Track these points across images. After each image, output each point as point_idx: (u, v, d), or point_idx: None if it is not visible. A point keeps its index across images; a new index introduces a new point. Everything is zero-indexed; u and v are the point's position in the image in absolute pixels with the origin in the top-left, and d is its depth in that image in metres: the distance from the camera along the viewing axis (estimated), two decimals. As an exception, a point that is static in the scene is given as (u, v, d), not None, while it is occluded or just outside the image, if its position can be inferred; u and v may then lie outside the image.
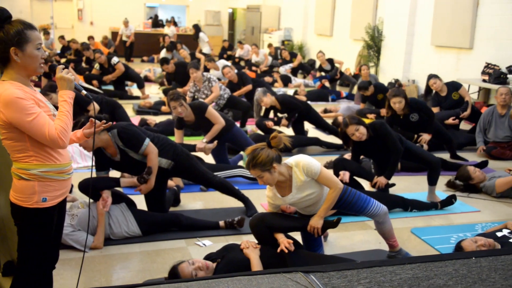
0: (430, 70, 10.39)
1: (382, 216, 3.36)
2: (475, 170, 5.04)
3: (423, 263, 2.65)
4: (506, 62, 8.47)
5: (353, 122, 4.35)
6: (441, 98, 7.14)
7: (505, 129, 6.27)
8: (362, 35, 12.14)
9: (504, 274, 2.55)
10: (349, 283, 2.39)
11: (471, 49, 9.41)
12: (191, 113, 5.16)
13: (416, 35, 10.90)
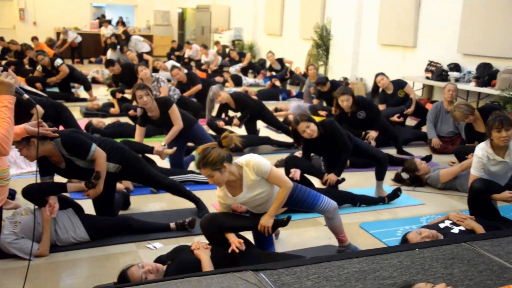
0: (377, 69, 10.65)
1: (332, 211, 3.42)
2: (421, 162, 5.22)
3: (369, 256, 2.72)
4: (447, 60, 8.81)
5: (304, 119, 4.41)
6: (388, 96, 7.34)
7: (450, 125, 6.51)
8: (311, 35, 12.32)
9: (445, 263, 2.66)
10: (298, 279, 2.42)
11: (415, 47, 9.73)
12: (156, 108, 5.11)
13: (363, 34, 11.16)
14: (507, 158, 3.94)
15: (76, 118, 6.28)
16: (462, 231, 3.52)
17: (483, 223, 3.65)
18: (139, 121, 5.20)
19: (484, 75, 7.87)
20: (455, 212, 3.87)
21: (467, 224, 3.61)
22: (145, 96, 4.95)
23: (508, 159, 3.94)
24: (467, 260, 2.71)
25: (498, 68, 7.76)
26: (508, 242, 2.98)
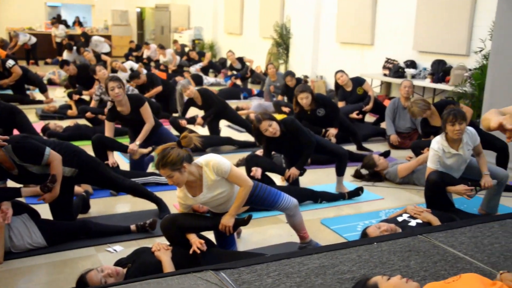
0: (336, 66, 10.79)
1: (293, 209, 3.45)
2: (380, 158, 5.32)
3: (329, 251, 2.76)
4: (403, 57, 9.02)
5: (266, 118, 4.43)
6: (347, 93, 7.46)
7: (407, 120, 6.65)
8: (271, 33, 12.38)
9: (402, 256, 2.72)
10: (258, 277, 2.43)
11: (372, 45, 9.91)
12: (127, 103, 5.05)
13: (322, 33, 11.29)
14: (461, 151, 4.07)
15: (32, 121, 6.10)
16: (419, 224, 3.61)
17: (439, 215, 3.75)
18: (107, 115, 5.13)
19: (439, 72, 8.10)
20: (412, 205, 3.96)
21: (423, 217, 3.71)
22: (117, 88, 4.91)
23: (461, 152, 4.07)
24: (423, 252, 2.78)
25: (451, 64, 7.99)
26: (461, 233, 3.07)
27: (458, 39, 7.90)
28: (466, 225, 3.22)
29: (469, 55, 7.73)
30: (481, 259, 2.69)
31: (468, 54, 7.75)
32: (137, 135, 5.16)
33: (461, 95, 7.17)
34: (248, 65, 11.41)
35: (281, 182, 5.02)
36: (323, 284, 2.39)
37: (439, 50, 8.30)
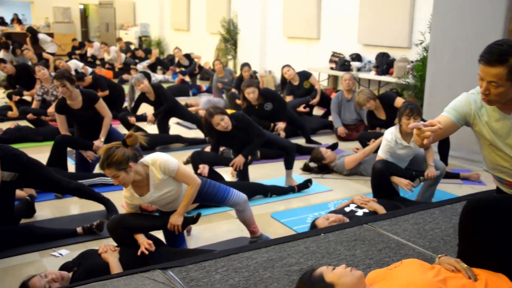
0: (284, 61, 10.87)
1: (242, 204, 3.46)
2: (327, 151, 5.41)
3: (277, 245, 2.78)
4: (349, 51, 9.19)
5: (218, 112, 4.43)
6: (294, 87, 7.55)
7: (352, 112, 6.80)
8: (219, 29, 12.34)
9: (348, 245, 2.78)
10: (207, 274, 2.42)
11: (318, 39, 10.05)
12: (78, 97, 4.93)
13: (269, 27, 11.35)
14: (412, 144, 4.23)
15: (-31, 124, 5.85)
16: (366, 213, 3.70)
17: (385, 204, 3.85)
18: (57, 107, 5.02)
19: (383, 64, 8.31)
20: (359, 196, 4.05)
21: (370, 206, 3.80)
22: (61, 87, 4.81)
23: (412, 145, 4.22)
24: (368, 240, 2.85)
25: (394, 57, 8.22)
26: (405, 220, 3.16)
27: (400, 32, 8.13)
28: (409, 212, 3.32)
29: (410, 48, 7.97)
30: (423, 245, 2.78)
31: (410, 46, 7.99)
32: (84, 131, 5.05)
33: (404, 87, 7.39)
34: (196, 61, 11.33)
35: (231, 178, 5.02)
36: (271, 277, 2.41)
37: (382, 43, 8.51)
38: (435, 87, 5.80)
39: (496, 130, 2.25)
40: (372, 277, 2.08)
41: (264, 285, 2.33)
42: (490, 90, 2.10)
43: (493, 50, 2.05)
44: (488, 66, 2.06)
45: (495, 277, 1.94)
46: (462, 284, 1.88)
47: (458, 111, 2.28)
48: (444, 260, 2.03)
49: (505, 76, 2.04)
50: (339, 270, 1.90)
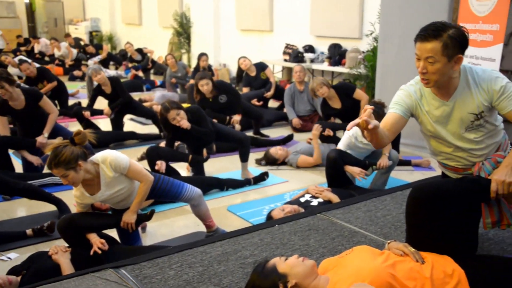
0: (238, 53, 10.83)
1: (197, 199, 3.43)
2: (277, 150, 5.39)
3: (232, 238, 2.78)
4: (302, 42, 9.26)
5: (174, 107, 4.39)
6: (251, 78, 7.61)
7: (306, 104, 6.86)
8: (171, 23, 12.18)
9: (302, 235, 2.80)
10: (160, 270, 2.39)
11: (271, 31, 10.07)
12: (20, 97, 4.75)
13: (222, 20, 11.29)
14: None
15: None
16: (321, 203, 3.74)
17: (339, 192, 3.91)
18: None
19: (335, 55, 8.41)
20: (314, 186, 4.10)
21: (324, 196, 3.85)
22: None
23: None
24: (321, 229, 2.88)
25: (346, 48, 8.32)
26: (357, 208, 3.22)
27: (351, 23, 8.24)
28: (361, 200, 3.38)
29: (361, 38, 8.09)
30: (375, 231, 2.84)
31: (361, 37, 8.11)
32: (27, 130, 4.89)
33: (357, 77, 7.51)
34: (148, 56, 11.16)
35: (186, 172, 4.98)
36: (226, 270, 2.40)
37: (334, 34, 8.60)
38: (386, 77, 5.92)
39: (437, 118, 2.31)
40: (324, 266, 2.11)
41: (219, 279, 2.32)
42: (427, 68, 2.16)
43: (429, 27, 2.15)
44: (424, 41, 2.13)
45: (440, 259, 2.00)
46: (410, 268, 1.93)
47: (401, 104, 2.33)
48: (393, 246, 2.08)
49: (440, 50, 2.11)
50: (292, 260, 1.92)
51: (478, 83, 2.21)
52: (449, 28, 2.13)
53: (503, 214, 2.31)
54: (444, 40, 2.10)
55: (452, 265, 1.97)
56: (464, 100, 2.23)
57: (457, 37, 2.12)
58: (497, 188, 2.08)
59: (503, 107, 2.21)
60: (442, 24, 2.15)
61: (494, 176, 2.13)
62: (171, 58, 9.04)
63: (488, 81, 2.20)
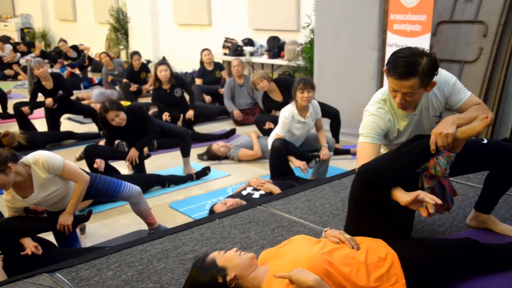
0: (178, 48, 10.78)
1: (137, 196, 3.38)
2: (219, 147, 5.38)
3: (171, 234, 2.75)
4: (241, 36, 9.26)
5: (114, 108, 4.28)
6: (207, 72, 7.71)
7: (246, 97, 6.88)
8: (107, 18, 11.87)
9: (242, 228, 2.82)
10: (98, 272, 2.34)
11: (210, 25, 10.01)
12: None
13: (160, 15, 11.11)
14: (307, 120, 4.38)
15: None
16: (262, 195, 3.77)
17: (280, 184, 3.96)
18: None
19: (274, 48, 8.48)
20: (255, 178, 4.12)
21: (266, 188, 3.88)
22: None
23: (308, 121, 4.38)
24: (262, 221, 2.91)
25: (284, 40, 8.41)
26: (297, 198, 3.27)
27: (288, 15, 8.31)
28: (301, 190, 3.44)
29: (299, 31, 8.19)
30: (314, 220, 2.89)
31: (298, 29, 8.20)
32: None
33: (296, 69, 7.60)
34: (85, 53, 10.83)
35: (127, 171, 4.89)
36: (166, 267, 2.38)
37: (272, 27, 8.66)
38: (323, 68, 6.02)
39: (407, 129, 2.35)
40: (263, 257, 2.13)
41: (158, 277, 2.29)
42: (406, 99, 2.17)
43: (400, 63, 2.10)
44: (401, 80, 2.11)
45: (374, 243, 2.07)
46: (346, 254, 1.98)
47: (381, 134, 2.29)
48: (329, 233, 2.13)
49: (418, 85, 2.12)
50: (230, 253, 1.94)
51: (436, 87, 2.27)
52: (420, 58, 2.11)
53: (445, 199, 2.41)
54: (420, 75, 2.10)
55: (385, 249, 2.04)
56: (428, 107, 2.31)
57: (430, 67, 2.12)
58: (435, 140, 2.13)
59: (454, 104, 2.33)
60: (412, 56, 2.11)
61: (434, 129, 2.17)
62: (105, 57, 8.82)
63: (439, 84, 2.27)
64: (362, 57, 5.54)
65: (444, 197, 2.37)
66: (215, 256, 1.95)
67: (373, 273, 1.95)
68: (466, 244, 2.16)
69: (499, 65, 4.97)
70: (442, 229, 2.73)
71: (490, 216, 2.66)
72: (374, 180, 2.07)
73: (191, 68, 10.14)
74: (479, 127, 2.11)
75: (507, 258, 2.26)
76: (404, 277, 1.95)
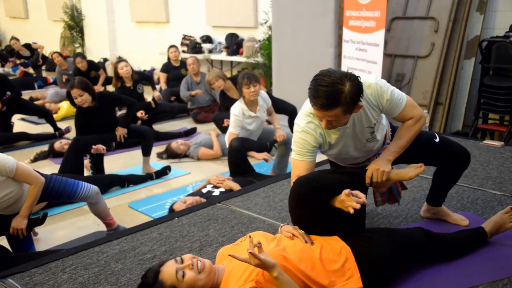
0: (135, 46, 10.62)
1: (94, 196, 3.31)
2: (179, 146, 5.34)
3: (129, 235, 2.71)
4: (199, 33, 9.21)
5: (79, 86, 4.25)
6: (172, 66, 7.69)
7: (204, 94, 6.84)
8: (61, 16, 11.58)
9: (201, 226, 2.81)
10: (53, 275, 2.29)
11: (168, 22, 9.91)
12: None
13: (116, 12, 10.93)
14: (258, 113, 4.37)
15: None
16: (222, 192, 3.76)
17: (240, 181, 3.96)
18: None
19: (233, 45, 8.46)
20: (215, 175, 4.11)
21: (226, 185, 3.88)
22: None
23: (259, 114, 4.37)
24: (221, 218, 2.90)
25: (243, 37, 8.40)
26: (256, 194, 3.28)
27: (246, 12, 8.31)
28: (260, 186, 3.45)
29: (257, 27, 8.20)
30: (273, 216, 2.91)
31: (256, 26, 8.22)
32: None
33: (255, 66, 7.61)
34: (38, 51, 10.53)
35: (85, 171, 4.79)
36: (123, 268, 2.34)
37: (230, 24, 8.65)
38: (281, 64, 6.06)
39: (339, 142, 2.29)
40: (221, 254, 2.13)
41: (116, 278, 2.26)
42: (332, 123, 2.10)
43: (321, 94, 1.98)
44: (323, 111, 2.02)
45: (329, 239, 2.09)
46: (300, 249, 2.00)
47: (313, 151, 2.24)
48: (284, 229, 2.14)
49: (343, 113, 2.03)
50: (190, 277, 1.84)
51: (368, 100, 2.17)
52: (342, 86, 1.98)
53: (391, 191, 2.48)
54: (343, 104, 1.99)
55: (339, 244, 2.06)
56: (361, 120, 2.22)
57: (354, 93, 2.00)
58: (372, 175, 2.20)
59: (390, 114, 2.28)
60: (333, 84, 1.98)
61: (371, 165, 2.24)
62: (58, 56, 8.60)
63: (375, 96, 2.17)
64: (319, 53, 5.60)
65: (389, 190, 2.44)
66: (174, 284, 1.82)
67: (328, 269, 1.97)
68: (418, 234, 2.21)
69: (450, 60, 5.13)
70: (398, 221, 2.79)
71: (442, 208, 2.74)
72: (310, 191, 2.05)
73: (150, 65, 10.02)
74: (411, 173, 2.18)
75: (458, 246, 2.33)
76: (359, 271, 1.99)
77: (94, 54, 11.32)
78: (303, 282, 1.92)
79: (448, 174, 2.59)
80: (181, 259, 1.88)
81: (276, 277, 1.76)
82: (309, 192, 2.05)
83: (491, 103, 4.85)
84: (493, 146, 4.12)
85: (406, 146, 2.30)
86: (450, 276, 2.20)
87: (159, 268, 1.87)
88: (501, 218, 2.42)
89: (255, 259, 1.73)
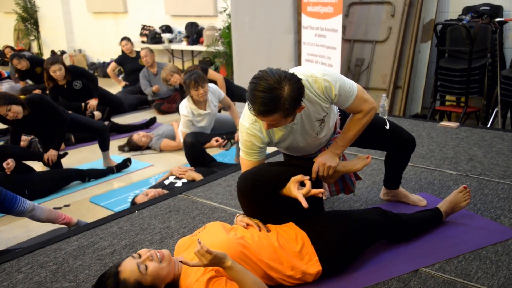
0: (93, 38, 10.38)
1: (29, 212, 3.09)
2: (141, 138, 5.26)
3: (88, 230, 2.66)
4: (158, 23, 9.07)
5: (1, 103, 4.00)
6: (128, 58, 7.50)
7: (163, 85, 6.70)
8: (13, 7, 11.19)
9: (163, 218, 2.77)
10: (7, 276, 2.22)
11: (126, 13, 9.71)
12: None
13: (72, 4, 10.65)
14: (209, 109, 4.31)
15: None
16: (185, 183, 3.73)
17: (202, 171, 3.93)
18: None
19: (193, 34, 8.37)
20: (177, 167, 4.07)
21: (188, 176, 3.85)
22: None
23: (209, 110, 4.31)
24: (182, 209, 2.88)
25: (203, 26, 8.32)
26: (218, 184, 3.26)
27: (205, 0, 8.22)
28: (222, 176, 3.43)
29: (217, 16, 8.12)
30: (234, 205, 2.90)
31: (216, 14, 8.14)
32: None
33: (216, 54, 7.55)
34: (-10, 45, 10.17)
35: (42, 168, 4.67)
36: (82, 265, 2.30)
37: (190, 13, 8.54)
38: (241, 52, 6.03)
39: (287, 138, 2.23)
40: (179, 245, 2.11)
41: (74, 275, 2.21)
42: (273, 125, 2.04)
43: (258, 101, 1.89)
44: (262, 116, 1.95)
45: (284, 226, 2.10)
46: (258, 237, 2.00)
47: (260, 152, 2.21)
48: (239, 219, 2.14)
49: (283, 117, 1.96)
50: (153, 268, 1.80)
51: (316, 94, 2.10)
52: (281, 91, 1.88)
53: (345, 182, 2.50)
54: (282, 110, 1.91)
55: (295, 230, 2.07)
56: (309, 114, 2.16)
57: (294, 97, 1.90)
58: (318, 169, 2.20)
59: (340, 105, 2.23)
60: (271, 90, 1.88)
61: (318, 158, 2.23)
62: (11, 51, 8.31)
63: (322, 91, 2.10)
64: (278, 40, 5.59)
65: (343, 180, 2.47)
66: (138, 279, 1.77)
67: (287, 254, 1.98)
68: (376, 214, 2.24)
69: (407, 43, 5.21)
70: (358, 205, 2.82)
71: (400, 190, 2.78)
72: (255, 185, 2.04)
73: (109, 57, 9.81)
74: (358, 165, 2.22)
75: (415, 227, 2.37)
76: (317, 254, 2.00)
77: (51, 46, 11.01)
78: (262, 269, 1.93)
79: (396, 158, 2.63)
80: (138, 255, 1.84)
81: (230, 267, 1.74)
82: (254, 187, 2.04)
83: (447, 85, 4.96)
84: (449, 127, 4.21)
85: (353, 139, 2.31)
86: (408, 256, 2.24)
87: (116, 269, 1.80)
88: (456, 197, 2.48)
89: (205, 258, 1.70)
